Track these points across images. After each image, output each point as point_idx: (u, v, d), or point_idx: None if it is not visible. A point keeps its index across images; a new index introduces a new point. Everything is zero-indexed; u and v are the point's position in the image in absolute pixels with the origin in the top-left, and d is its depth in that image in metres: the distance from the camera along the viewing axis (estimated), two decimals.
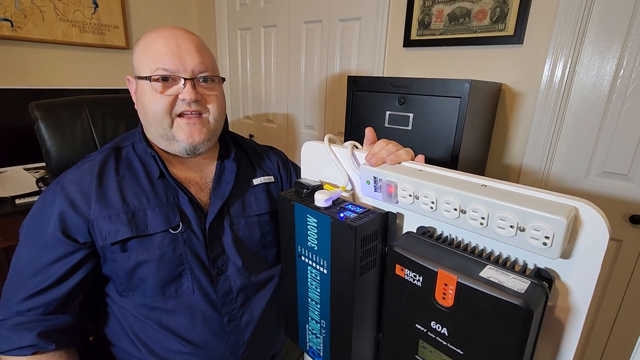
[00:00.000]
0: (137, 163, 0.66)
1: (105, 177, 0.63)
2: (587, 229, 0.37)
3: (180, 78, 0.61)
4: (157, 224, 0.62)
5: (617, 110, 1.05)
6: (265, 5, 1.93)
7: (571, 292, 0.39)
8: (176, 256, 0.63)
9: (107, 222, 0.60)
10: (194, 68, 0.61)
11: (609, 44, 1.04)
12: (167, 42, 0.61)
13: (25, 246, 0.61)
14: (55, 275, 0.59)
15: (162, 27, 0.64)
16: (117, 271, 0.62)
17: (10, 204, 1.39)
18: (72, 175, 0.63)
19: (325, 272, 0.53)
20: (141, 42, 0.63)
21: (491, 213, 0.40)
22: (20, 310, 0.58)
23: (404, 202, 0.49)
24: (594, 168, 1.11)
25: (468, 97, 0.88)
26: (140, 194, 0.63)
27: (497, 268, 0.39)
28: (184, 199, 0.65)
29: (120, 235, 0.60)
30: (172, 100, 0.61)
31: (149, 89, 0.61)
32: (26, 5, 1.65)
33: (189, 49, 0.62)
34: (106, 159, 0.65)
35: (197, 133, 0.63)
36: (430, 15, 1.32)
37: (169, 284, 0.63)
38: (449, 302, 0.40)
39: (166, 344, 0.64)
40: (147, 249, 0.61)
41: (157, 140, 0.66)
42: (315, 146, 0.63)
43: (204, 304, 0.64)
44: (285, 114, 1.98)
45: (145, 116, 0.64)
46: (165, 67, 0.60)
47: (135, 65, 0.64)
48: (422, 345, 0.45)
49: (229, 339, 0.67)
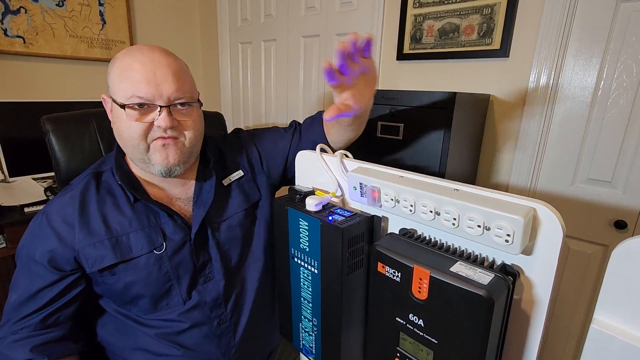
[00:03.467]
0: (117, 187, 0.67)
1: (86, 205, 0.64)
2: (545, 228, 0.41)
3: (156, 106, 0.60)
4: (141, 247, 0.64)
5: (599, 119, 1.10)
6: (266, 21, 2.01)
7: (534, 285, 0.43)
8: (162, 274, 0.65)
9: (92, 249, 0.62)
10: (170, 95, 0.60)
11: (590, 57, 1.09)
12: (144, 68, 0.59)
13: (19, 273, 0.65)
14: (45, 300, 0.63)
15: (139, 50, 0.61)
16: (110, 290, 0.66)
17: (19, 212, 1.44)
18: (56, 207, 0.65)
19: (316, 272, 0.58)
20: (117, 64, 0.61)
21: (461, 214, 0.44)
22: (14, 330, 0.63)
23: (387, 206, 0.53)
24: (579, 175, 1.16)
25: (454, 108, 0.93)
26: (122, 218, 0.64)
27: (466, 264, 0.44)
28: (164, 217, 0.66)
29: (106, 262, 0.62)
30: (147, 127, 0.61)
31: (124, 115, 0.60)
32: (38, 23, 1.74)
33: (165, 75, 0.60)
34: (87, 186, 0.66)
35: (172, 155, 0.63)
36: (422, 30, 1.38)
37: (160, 299, 0.66)
38: (423, 295, 0.44)
39: (160, 350, 0.67)
40: (134, 271, 0.63)
41: (135, 162, 0.66)
42: (308, 155, 0.68)
43: (194, 311, 0.67)
44: (285, 124, 2.04)
45: (122, 141, 0.64)
46: (140, 94, 0.59)
47: (110, 86, 0.62)
48: (402, 337, 0.49)
49: (220, 341, 0.70)
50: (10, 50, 1.67)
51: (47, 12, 1.75)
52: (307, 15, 1.79)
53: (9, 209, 1.45)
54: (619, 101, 1.06)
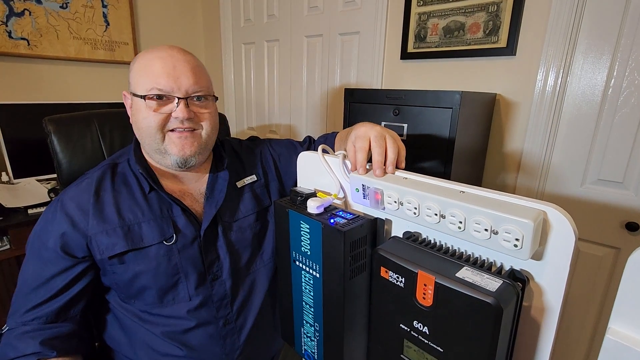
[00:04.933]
0: (132, 178, 0.69)
1: (101, 193, 0.66)
2: (556, 232, 0.39)
3: (174, 97, 0.63)
4: (152, 237, 0.65)
5: (609, 118, 1.07)
6: (268, 21, 2.00)
7: (544, 292, 0.41)
8: (171, 266, 0.65)
9: (104, 236, 0.63)
10: (188, 88, 0.64)
11: (600, 55, 1.06)
12: (164, 63, 0.63)
13: (30, 261, 0.65)
14: (56, 288, 0.63)
15: (159, 48, 0.66)
16: (117, 281, 0.66)
17: (23, 213, 1.45)
18: (71, 193, 0.66)
19: (317, 276, 0.56)
20: (138, 61, 0.66)
21: (468, 217, 0.42)
22: (24, 320, 0.62)
23: (390, 208, 0.52)
24: (589, 176, 1.13)
25: (459, 107, 0.91)
26: (135, 208, 0.66)
27: (473, 269, 0.42)
28: (177, 210, 0.68)
29: (117, 249, 0.63)
30: (165, 118, 0.64)
31: (144, 106, 0.63)
32: (42, 25, 1.74)
33: (184, 69, 0.64)
34: (103, 175, 0.68)
35: (188, 146, 0.66)
36: (426, 28, 1.36)
37: (166, 292, 0.66)
38: (428, 301, 0.42)
39: (165, 350, 0.67)
40: (143, 261, 0.64)
41: (151, 154, 0.69)
42: (310, 156, 0.67)
43: (200, 309, 0.67)
44: (288, 125, 2.03)
45: (139, 132, 0.67)
46: (160, 86, 0.62)
47: (131, 82, 0.66)
48: (406, 345, 0.47)
49: (224, 342, 0.69)
50: (15, 52, 1.68)
51: (51, 14, 1.76)
52: (310, 15, 1.78)
53: (13, 211, 1.45)
54: (630, 100, 1.03)
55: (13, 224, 1.40)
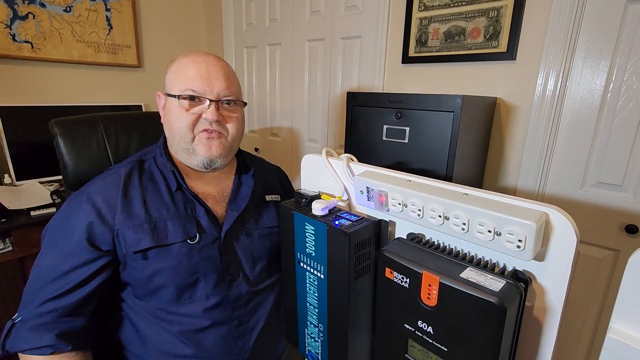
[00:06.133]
0: (158, 175, 0.71)
1: (130, 188, 0.68)
2: (558, 233, 0.40)
3: (206, 99, 0.67)
4: (176, 235, 0.66)
5: (609, 122, 1.08)
6: (271, 25, 2.02)
7: (547, 292, 0.42)
8: (192, 265, 0.66)
9: (131, 231, 0.64)
10: (219, 92, 0.68)
11: (598, 59, 1.08)
12: (199, 67, 0.67)
13: (48, 253, 0.65)
14: (75, 281, 0.63)
15: (195, 53, 0.70)
16: (136, 277, 0.66)
17: (26, 215, 1.45)
18: (97, 187, 0.67)
19: (322, 277, 0.57)
20: (175, 64, 0.70)
21: (471, 219, 0.43)
22: (39, 312, 0.62)
23: (394, 210, 0.52)
24: (589, 179, 1.14)
25: (461, 111, 0.93)
26: (161, 205, 0.68)
27: (476, 270, 0.43)
28: (200, 210, 0.70)
29: (142, 245, 0.64)
30: (196, 118, 0.67)
31: (177, 106, 0.67)
32: (46, 28, 1.76)
33: (217, 74, 0.68)
34: (131, 171, 0.70)
35: (215, 147, 0.69)
36: (427, 33, 1.38)
37: (184, 290, 0.67)
38: (433, 301, 0.43)
39: (178, 348, 0.67)
40: (165, 258, 0.65)
41: (179, 153, 0.71)
42: (314, 159, 0.68)
43: (216, 309, 0.68)
44: (290, 128, 2.04)
45: (170, 130, 0.69)
46: (193, 88, 0.66)
47: (166, 83, 0.70)
48: (411, 344, 0.48)
49: (236, 343, 0.70)
50: (18, 55, 1.69)
51: (54, 18, 1.78)
52: (312, 19, 1.80)
53: (16, 213, 1.46)
54: (629, 104, 1.04)
55: (16, 226, 1.41)
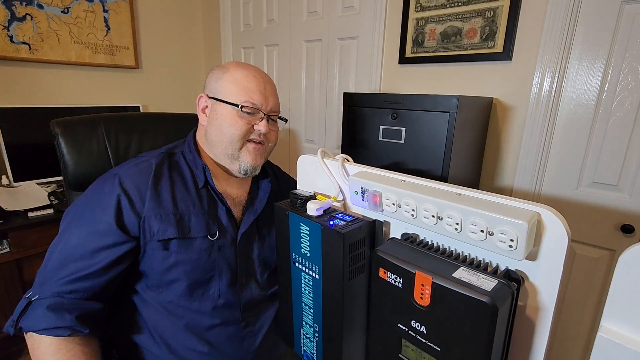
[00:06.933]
0: (186, 170, 0.73)
1: (160, 178, 0.69)
2: (549, 233, 0.40)
3: (261, 112, 0.71)
4: (199, 230, 0.68)
5: (604, 122, 1.09)
6: (268, 26, 2.02)
7: (539, 292, 0.42)
8: (210, 261, 0.68)
9: (157, 220, 0.66)
10: (272, 107, 0.73)
11: (594, 60, 1.08)
12: (258, 81, 0.72)
13: (74, 230, 0.64)
14: (101, 264, 0.62)
15: (249, 66, 0.74)
16: (154, 267, 0.66)
17: (23, 217, 1.45)
18: (130, 172, 0.68)
19: (317, 277, 0.57)
20: (230, 73, 0.72)
21: (464, 219, 0.44)
22: (61, 291, 0.60)
23: (389, 210, 0.53)
24: (585, 179, 1.14)
25: (456, 111, 0.93)
26: (187, 199, 0.70)
27: (469, 269, 0.43)
28: (222, 209, 0.72)
29: (167, 235, 0.66)
30: (248, 129, 0.71)
31: (234, 114, 0.70)
32: (43, 30, 1.76)
33: (272, 91, 0.74)
34: (162, 162, 0.72)
35: (259, 157, 0.74)
36: (424, 33, 1.38)
37: (198, 286, 0.68)
38: (425, 301, 0.43)
39: (185, 342, 0.68)
40: (186, 251, 0.67)
41: (219, 156, 0.74)
42: (310, 159, 0.68)
43: (226, 308, 0.70)
44: (287, 128, 2.04)
45: (220, 135, 0.71)
46: (254, 101, 0.71)
47: (219, 89, 0.72)
48: (404, 344, 0.48)
49: (241, 344, 0.71)
50: (16, 56, 1.69)
51: (52, 19, 1.78)
52: (309, 20, 1.80)
53: (14, 214, 1.46)
54: (624, 104, 1.04)
55: (13, 227, 1.40)
